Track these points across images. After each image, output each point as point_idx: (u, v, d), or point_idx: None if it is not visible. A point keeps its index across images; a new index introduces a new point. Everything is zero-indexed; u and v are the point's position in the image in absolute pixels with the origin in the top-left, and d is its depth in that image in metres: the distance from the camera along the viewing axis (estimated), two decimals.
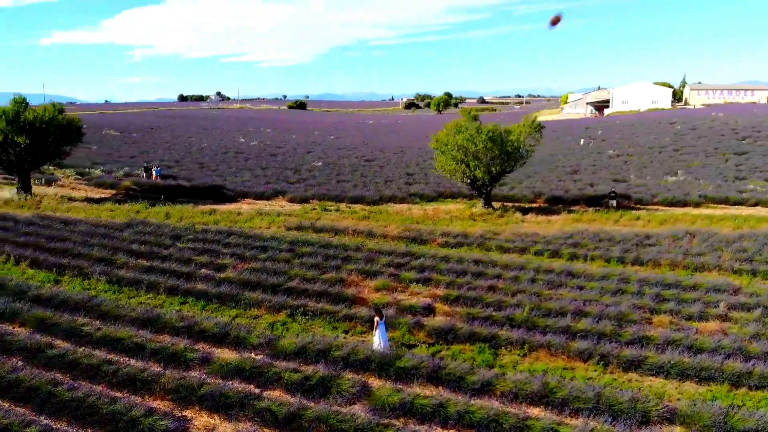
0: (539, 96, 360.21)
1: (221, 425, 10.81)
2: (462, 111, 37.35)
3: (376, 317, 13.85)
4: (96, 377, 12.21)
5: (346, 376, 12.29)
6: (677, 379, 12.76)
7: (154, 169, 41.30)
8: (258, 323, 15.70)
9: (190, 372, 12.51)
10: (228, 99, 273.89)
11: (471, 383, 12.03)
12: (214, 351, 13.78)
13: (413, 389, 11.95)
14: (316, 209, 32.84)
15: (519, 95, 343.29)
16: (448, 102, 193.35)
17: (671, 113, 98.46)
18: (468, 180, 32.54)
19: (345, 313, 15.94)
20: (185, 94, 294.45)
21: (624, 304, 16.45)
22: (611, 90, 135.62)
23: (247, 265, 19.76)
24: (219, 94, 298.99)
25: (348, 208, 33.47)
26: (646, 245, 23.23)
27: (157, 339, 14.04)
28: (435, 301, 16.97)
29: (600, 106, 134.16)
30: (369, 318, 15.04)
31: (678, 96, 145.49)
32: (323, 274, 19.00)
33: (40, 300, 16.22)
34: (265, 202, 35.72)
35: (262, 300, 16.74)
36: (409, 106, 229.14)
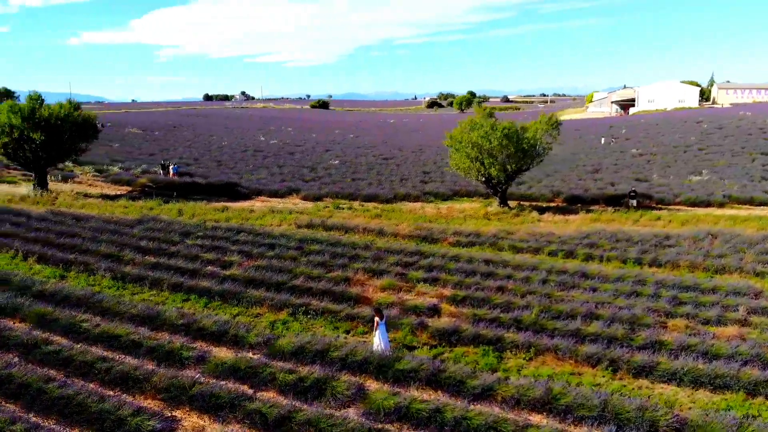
0: (564, 95, 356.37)
1: (210, 426, 10.51)
2: (476, 107, 36.57)
3: (376, 317, 13.45)
4: (89, 374, 12.03)
5: (342, 377, 11.91)
6: (690, 387, 12.10)
7: (171, 167, 41.44)
8: (259, 321, 15.42)
9: (184, 371, 12.27)
10: (252, 98, 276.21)
11: (472, 387, 11.56)
12: (211, 349, 13.53)
13: (411, 393, 11.53)
14: (328, 207, 32.54)
15: (544, 94, 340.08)
16: (470, 101, 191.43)
17: (698, 112, 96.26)
18: (483, 178, 31.80)
19: (347, 313, 15.58)
20: (210, 93, 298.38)
21: (638, 306, 15.77)
22: (637, 89, 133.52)
23: (254, 263, 19.49)
24: (243, 93, 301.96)
25: (361, 206, 33.09)
26: (665, 246, 22.42)
27: (155, 336, 13.83)
28: (441, 302, 16.48)
29: (625, 104, 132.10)
30: (371, 318, 14.63)
31: (706, 95, 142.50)
32: (329, 272, 18.65)
33: (43, 295, 16.15)
34: (279, 199, 35.55)
35: (264, 298, 16.44)
36: (432, 105, 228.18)
